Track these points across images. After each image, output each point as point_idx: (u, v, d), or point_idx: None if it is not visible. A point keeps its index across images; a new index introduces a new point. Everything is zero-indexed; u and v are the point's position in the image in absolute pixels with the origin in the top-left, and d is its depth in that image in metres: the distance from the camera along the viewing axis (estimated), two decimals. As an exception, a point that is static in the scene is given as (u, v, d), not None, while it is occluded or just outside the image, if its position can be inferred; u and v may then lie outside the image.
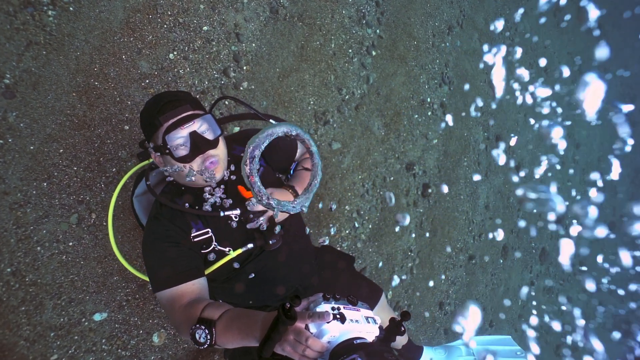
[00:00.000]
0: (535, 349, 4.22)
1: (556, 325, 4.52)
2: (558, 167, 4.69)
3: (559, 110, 4.77)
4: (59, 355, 1.75)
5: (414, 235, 2.98)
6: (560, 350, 4.54)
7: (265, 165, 1.43)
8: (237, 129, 2.19)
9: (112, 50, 1.86)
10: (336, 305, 0.86)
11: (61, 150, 1.76)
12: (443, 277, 3.21)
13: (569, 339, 4.68)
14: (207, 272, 1.27)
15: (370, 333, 0.86)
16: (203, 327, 0.98)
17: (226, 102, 2.16)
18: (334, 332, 0.82)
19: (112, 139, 1.87)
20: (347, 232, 2.61)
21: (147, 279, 1.40)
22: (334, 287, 1.52)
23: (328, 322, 0.81)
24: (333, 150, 2.57)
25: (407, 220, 2.85)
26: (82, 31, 1.80)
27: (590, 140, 5.34)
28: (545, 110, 4.51)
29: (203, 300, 1.12)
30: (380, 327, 0.88)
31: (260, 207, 1.27)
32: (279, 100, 2.36)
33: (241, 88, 2.22)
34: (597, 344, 5.12)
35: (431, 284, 3.06)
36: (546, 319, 4.36)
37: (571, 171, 4.90)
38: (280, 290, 1.41)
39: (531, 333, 4.19)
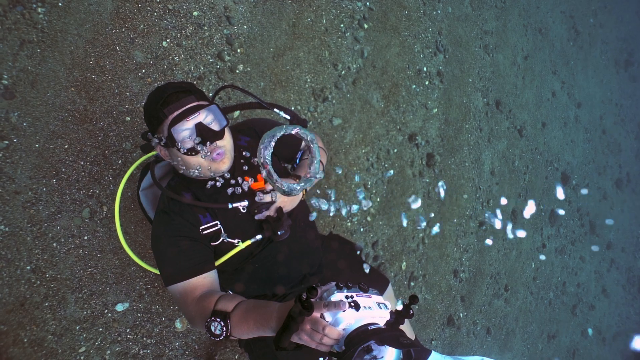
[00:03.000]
0: (551, 310, 4.25)
1: (571, 285, 4.54)
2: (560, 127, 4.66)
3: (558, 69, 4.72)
4: (86, 347, 1.79)
5: (422, 205, 2.99)
6: (576, 309, 4.57)
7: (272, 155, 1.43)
8: (237, 113, 2.19)
9: (105, 42, 1.85)
10: (349, 294, 0.88)
11: (66, 146, 1.77)
12: (455, 248, 3.22)
13: (584, 298, 4.71)
14: (217, 263, 1.27)
15: (382, 318, 0.88)
16: (218, 320, 0.99)
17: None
18: (349, 320, 0.83)
19: (115, 131, 1.87)
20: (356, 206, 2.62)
21: (157, 272, 1.41)
22: (339, 278, 1.53)
23: (344, 311, 0.83)
24: (334, 126, 2.57)
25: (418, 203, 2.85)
26: (74, 25, 1.80)
27: (591, 98, 5.29)
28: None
29: (215, 292, 1.13)
30: (391, 312, 0.90)
31: (268, 198, 1.27)
32: (275, 80, 2.35)
33: (237, 71, 2.22)
34: (612, 300, 5.14)
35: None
36: (560, 279, 4.38)
37: (576, 131, 4.87)
38: (289, 277, 1.42)
39: (546, 294, 4.21)
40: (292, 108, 2.41)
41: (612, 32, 6.01)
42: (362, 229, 2.64)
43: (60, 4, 1.78)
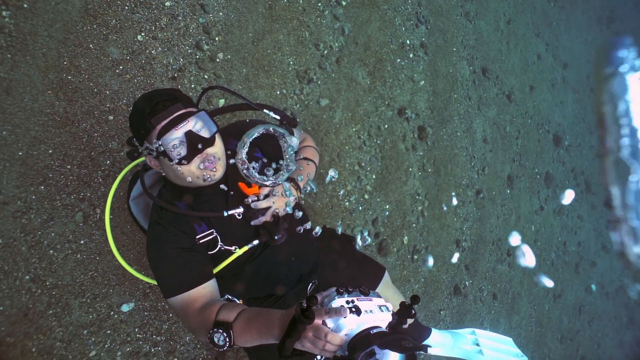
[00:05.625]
0: (554, 270, 4.31)
1: (571, 245, 4.59)
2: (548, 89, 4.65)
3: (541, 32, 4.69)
4: (96, 351, 1.78)
5: (418, 178, 2.98)
6: (579, 267, 4.63)
7: (263, 156, 1.40)
8: (222, 101, 2.15)
9: (77, 40, 1.80)
10: (350, 299, 0.88)
11: (50, 151, 1.73)
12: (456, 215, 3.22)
13: (585, 256, 4.78)
14: (215, 271, 1.26)
15: (384, 321, 0.88)
16: (221, 331, 0.99)
17: (209, 80, 2.11)
18: (351, 325, 0.84)
19: (99, 132, 1.83)
20: (353, 185, 2.61)
21: (153, 282, 1.40)
22: (337, 276, 1.53)
23: (345, 317, 0.83)
24: (322, 107, 2.54)
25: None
26: (43, 27, 1.74)
27: (577, 58, 5.28)
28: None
29: (216, 302, 1.12)
30: (393, 313, 0.90)
31: (263, 204, 1.26)
32: (258, 66, 2.31)
33: (217, 60, 2.17)
34: (613, 256, 5.22)
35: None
36: (560, 239, 4.43)
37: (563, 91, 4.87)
38: (287, 278, 1.42)
39: (548, 255, 4.26)
40: (277, 92, 2.38)
41: (592, -11, 5.97)
42: (360, 208, 2.63)
43: (25, 6, 1.71)
